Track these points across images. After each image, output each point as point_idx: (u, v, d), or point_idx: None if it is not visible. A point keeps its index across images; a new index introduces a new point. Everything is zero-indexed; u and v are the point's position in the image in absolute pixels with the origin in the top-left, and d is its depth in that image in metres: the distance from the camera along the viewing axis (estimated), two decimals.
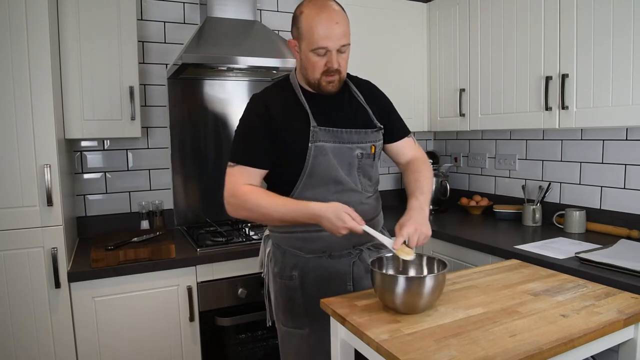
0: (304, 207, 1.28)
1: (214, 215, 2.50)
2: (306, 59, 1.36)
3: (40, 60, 1.65)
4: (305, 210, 1.27)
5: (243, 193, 1.34)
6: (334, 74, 1.36)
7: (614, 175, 2.06)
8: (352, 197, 1.43)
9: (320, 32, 1.30)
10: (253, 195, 1.33)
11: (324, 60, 1.34)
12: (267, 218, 1.36)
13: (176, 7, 2.40)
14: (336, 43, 1.31)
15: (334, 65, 1.33)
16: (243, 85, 2.56)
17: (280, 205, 1.30)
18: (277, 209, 1.30)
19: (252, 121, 1.40)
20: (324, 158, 1.39)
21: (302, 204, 1.29)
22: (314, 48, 1.32)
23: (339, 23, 1.31)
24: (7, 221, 1.64)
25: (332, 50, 1.32)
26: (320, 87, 1.39)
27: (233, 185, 1.37)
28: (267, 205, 1.31)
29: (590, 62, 1.80)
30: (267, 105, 1.40)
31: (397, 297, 1.15)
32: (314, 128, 1.38)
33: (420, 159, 1.56)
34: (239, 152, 1.40)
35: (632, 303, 1.21)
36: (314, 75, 1.37)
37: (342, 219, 1.23)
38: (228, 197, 1.37)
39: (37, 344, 1.71)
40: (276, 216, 1.32)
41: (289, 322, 1.49)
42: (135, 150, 2.37)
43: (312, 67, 1.36)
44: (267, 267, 1.58)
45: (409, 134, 1.60)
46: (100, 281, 1.77)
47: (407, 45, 2.65)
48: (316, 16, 1.30)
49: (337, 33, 1.31)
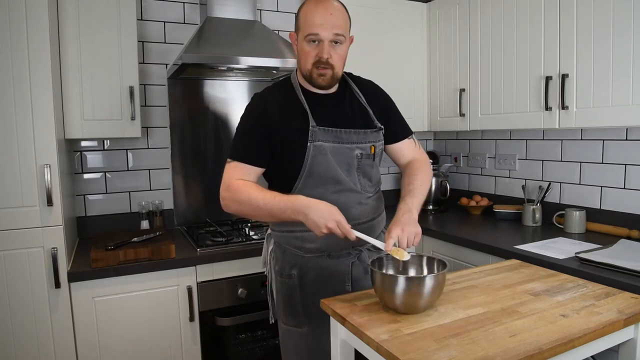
0: (293, 199, 1.26)
1: (214, 215, 2.50)
2: (300, 48, 1.39)
3: (40, 60, 1.65)
4: (293, 202, 1.25)
5: (236, 186, 1.34)
6: (325, 66, 1.36)
7: (614, 175, 2.06)
8: (351, 197, 1.44)
9: (313, 19, 1.33)
10: (244, 189, 1.33)
11: (316, 51, 1.35)
12: (257, 212, 1.33)
13: (176, 7, 2.40)
14: (328, 32, 1.32)
15: (324, 56, 1.34)
16: (243, 85, 2.56)
17: (270, 198, 1.29)
18: (266, 201, 1.28)
19: (250, 120, 1.42)
20: (322, 158, 1.39)
21: (292, 197, 1.28)
22: (306, 35, 1.34)
23: (333, 14, 1.33)
24: (7, 221, 1.64)
25: (325, 40, 1.33)
26: (312, 79, 1.39)
27: (228, 180, 1.37)
28: (257, 197, 1.30)
29: (590, 62, 1.80)
30: (265, 105, 1.41)
31: (397, 297, 1.15)
32: (313, 127, 1.38)
33: (419, 160, 1.56)
34: (237, 149, 1.41)
35: (632, 303, 1.21)
36: (306, 66, 1.38)
37: (335, 218, 1.21)
38: (222, 190, 1.38)
39: (37, 344, 1.71)
40: (265, 209, 1.30)
41: (288, 320, 1.50)
42: (135, 150, 2.37)
43: (305, 57, 1.37)
44: (269, 265, 1.58)
45: (410, 135, 1.59)
46: (100, 281, 1.77)
47: (407, 45, 2.65)
48: (314, 6, 1.35)
49: (330, 22, 1.32)
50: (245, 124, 1.43)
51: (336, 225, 1.21)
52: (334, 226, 1.21)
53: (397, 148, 1.58)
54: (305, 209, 1.23)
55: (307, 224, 1.24)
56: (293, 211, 1.25)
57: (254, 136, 1.40)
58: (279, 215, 1.29)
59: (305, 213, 1.22)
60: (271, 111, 1.40)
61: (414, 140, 1.61)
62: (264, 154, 1.40)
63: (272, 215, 1.30)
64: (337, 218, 1.22)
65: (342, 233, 1.22)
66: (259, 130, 1.39)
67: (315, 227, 1.23)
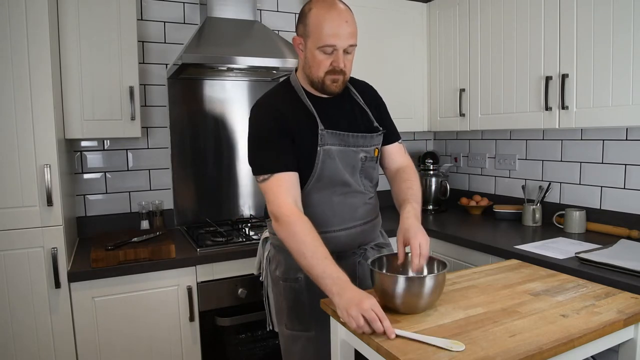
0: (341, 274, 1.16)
1: (214, 215, 2.50)
2: (312, 56, 1.33)
3: (40, 60, 1.65)
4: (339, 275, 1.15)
5: (288, 218, 1.25)
6: (338, 73, 1.33)
7: (614, 175, 2.06)
8: (357, 199, 1.44)
9: (329, 29, 1.28)
10: (299, 228, 1.24)
11: (330, 59, 1.31)
12: (299, 257, 1.24)
13: (176, 7, 2.40)
14: (344, 42, 1.30)
15: (340, 65, 1.31)
16: (243, 85, 2.56)
17: (321, 256, 1.19)
18: (314, 257, 1.19)
19: (269, 126, 1.35)
20: (331, 161, 1.38)
21: (340, 272, 1.17)
22: (321, 45, 1.29)
23: (348, 22, 1.30)
24: (7, 221, 1.64)
25: (340, 50, 1.30)
26: (324, 86, 1.36)
27: (277, 204, 1.28)
28: (308, 245, 1.21)
29: (590, 62, 1.80)
30: (278, 109, 1.37)
31: (397, 297, 1.15)
32: (322, 131, 1.37)
33: (410, 167, 1.54)
34: (266, 160, 1.33)
35: (632, 303, 1.21)
36: (318, 74, 1.34)
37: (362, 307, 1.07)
38: (275, 215, 1.29)
39: (37, 344, 1.71)
40: (308, 262, 1.20)
41: (294, 325, 1.47)
42: (135, 150, 2.37)
43: (317, 66, 1.33)
44: (265, 270, 1.56)
45: (399, 140, 1.58)
46: (100, 281, 1.77)
47: (407, 45, 2.64)
48: (326, 13, 1.28)
49: (346, 32, 1.29)
50: (266, 132, 1.35)
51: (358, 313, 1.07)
52: (355, 314, 1.07)
53: (388, 152, 1.55)
54: (345, 289, 1.13)
55: (339, 305, 1.13)
56: (333, 284, 1.15)
57: (282, 142, 1.34)
58: (317, 276, 1.18)
59: (343, 292, 1.13)
60: (286, 114, 1.36)
61: (403, 146, 1.59)
62: (295, 157, 1.34)
63: (310, 271, 1.21)
64: (365, 306, 1.07)
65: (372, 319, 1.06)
66: (282, 134, 1.34)
67: (344, 309, 1.11)
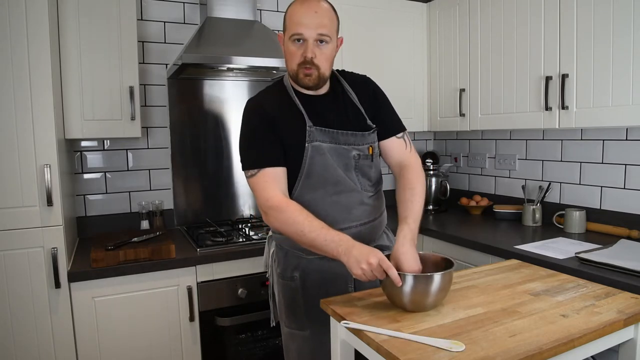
0: (342, 235, 1.22)
1: (214, 215, 2.50)
2: (286, 49, 1.37)
3: (40, 61, 1.65)
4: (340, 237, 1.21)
5: (278, 204, 1.30)
6: (310, 67, 1.33)
7: (614, 175, 2.06)
8: (353, 197, 1.43)
9: (296, 18, 1.31)
10: (289, 209, 1.29)
11: (301, 50, 1.33)
12: (299, 237, 1.28)
13: (176, 7, 2.40)
14: (312, 31, 1.31)
15: (308, 55, 1.32)
16: (243, 85, 2.56)
17: (317, 227, 1.24)
18: (312, 229, 1.24)
19: (255, 123, 1.38)
20: (321, 158, 1.38)
21: (340, 233, 1.23)
22: (290, 35, 1.33)
23: (317, 12, 1.31)
24: (7, 221, 1.64)
25: (309, 40, 1.31)
26: (298, 79, 1.37)
27: (265, 194, 1.32)
28: (302, 222, 1.26)
29: (590, 62, 1.80)
30: (264, 107, 1.39)
31: (405, 295, 1.15)
32: (310, 128, 1.37)
33: (413, 167, 1.48)
34: (253, 156, 1.36)
35: (632, 303, 1.21)
36: (291, 66, 1.37)
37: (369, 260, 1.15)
38: (264, 206, 1.33)
39: (37, 344, 1.71)
40: (309, 236, 1.25)
41: (291, 323, 1.49)
42: (135, 150, 2.37)
43: (290, 57, 1.36)
44: (271, 267, 1.58)
45: (402, 132, 1.52)
46: (100, 281, 1.77)
47: (407, 45, 2.65)
48: (298, 5, 1.33)
49: (314, 21, 1.30)
50: (252, 128, 1.39)
51: (369, 268, 1.15)
52: (366, 267, 1.15)
53: (387, 147, 1.51)
54: (350, 248, 1.19)
55: (349, 263, 1.19)
56: (337, 246, 1.21)
57: (266, 136, 1.36)
58: (321, 246, 1.23)
59: (350, 251, 1.19)
60: (271, 112, 1.38)
61: (405, 140, 1.52)
62: (282, 153, 1.37)
63: (314, 244, 1.25)
64: (371, 260, 1.15)
65: (380, 274, 1.16)
66: (268, 130, 1.36)
67: (354, 266, 1.18)
